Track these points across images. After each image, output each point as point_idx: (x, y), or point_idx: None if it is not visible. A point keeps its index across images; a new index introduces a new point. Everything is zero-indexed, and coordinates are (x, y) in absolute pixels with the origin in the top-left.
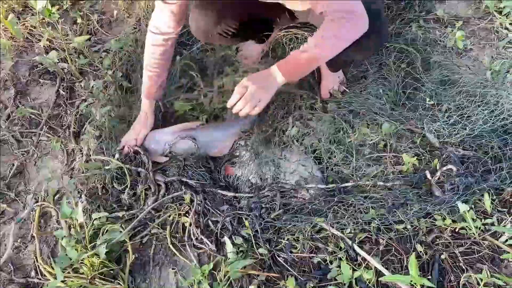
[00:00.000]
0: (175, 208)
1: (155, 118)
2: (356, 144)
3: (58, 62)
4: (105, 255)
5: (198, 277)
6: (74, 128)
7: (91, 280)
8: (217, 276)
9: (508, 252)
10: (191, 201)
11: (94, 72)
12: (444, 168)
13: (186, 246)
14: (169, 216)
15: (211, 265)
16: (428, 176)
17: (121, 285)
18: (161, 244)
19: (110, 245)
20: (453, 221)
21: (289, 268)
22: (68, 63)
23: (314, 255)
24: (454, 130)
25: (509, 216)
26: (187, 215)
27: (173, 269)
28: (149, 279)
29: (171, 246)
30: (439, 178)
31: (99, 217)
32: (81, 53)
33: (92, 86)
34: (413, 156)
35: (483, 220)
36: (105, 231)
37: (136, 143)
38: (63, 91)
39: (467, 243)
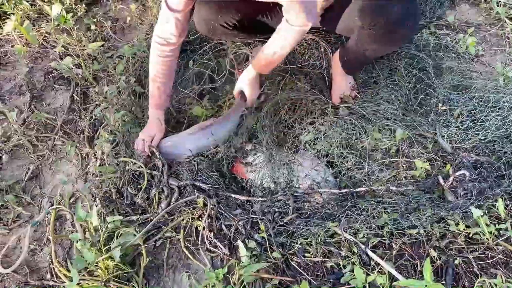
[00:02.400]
0: (188, 212)
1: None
2: (368, 149)
3: (72, 68)
4: (120, 258)
5: (213, 281)
6: (88, 132)
7: (105, 282)
8: (231, 279)
9: None
10: (204, 205)
11: (108, 78)
12: (457, 173)
13: (199, 249)
14: (183, 219)
15: (226, 269)
16: (441, 181)
17: (135, 287)
18: (175, 247)
19: (125, 248)
20: (467, 226)
21: (302, 272)
22: (82, 69)
23: (327, 259)
24: (467, 136)
25: None
26: (200, 219)
27: (186, 272)
28: (162, 282)
29: (184, 249)
30: (452, 184)
31: (114, 221)
32: (95, 59)
33: (106, 92)
34: (426, 161)
35: (496, 225)
36: (119, 234)
37: (151, 143)
38: (77, 96)
39: (480, 248)
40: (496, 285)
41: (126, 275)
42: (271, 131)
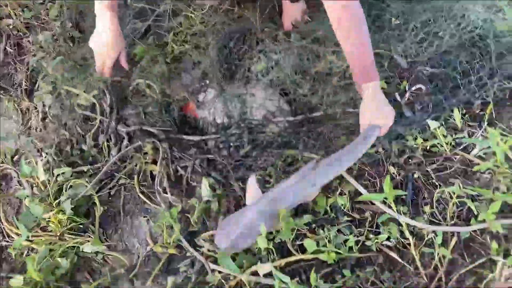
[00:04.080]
0: (140, 157)
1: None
2: (323, 73)
3: (2, 19)
4: (72, 210)
5: (167, 220)
6: (26, 85)
7: (60, 236)
8: (191, 219)
9: (479, 164)
10: (156, 149)
11: (42, 25)
12: (413, 88)
13: (155, 193)
14: (136, 165)
15: (179, 207)
16: (398, 98)
17: (91, 237)
18: (130, 194)
19: (76, 200)
20: (425, 140)
21: None
22: (13, 19)
23: None
24: (422, 49)
25: (480, 129)
26: (154, 163)
27: (144, 217)
28: (121, 229)
29: (140, 195)
30: (408, 99)
31: (63, 173)
32: (25, 6)
33: (41, 40)
34: (382, 80)
35: (454, 135)
36: (69, 186)
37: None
38: (11, 49)
39: (439, 160)
40: (454, 193)
41: (81, 226)
42: (220, 65)
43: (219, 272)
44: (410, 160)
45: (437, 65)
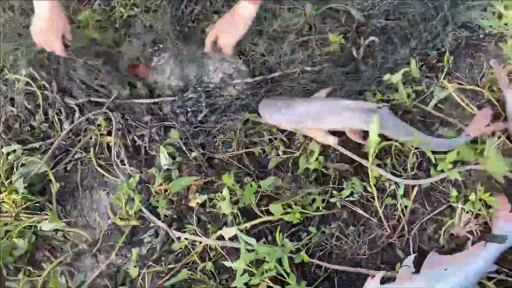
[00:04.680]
0: (95, 129)
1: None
2: (279, 31)
3: None
4: (26, 189)
5: (125, 191)
6: None
7: (15, 216)
8: (152, 189)
9: (438, 117)
10: (109, 119)
11: None
12: (367, 41)
13: (113, 166)
14: (91, 138)
15: (137, 178)
16: (354, 53)
17: (49, 215)
18: (87, 167)
19: (30, 178)
20: (383, 94)
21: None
22: None
23: (251, 149)
24: (377, 1)
25: (437, 80)
26: (109, 134)
27: (104, 190)
28: (80, 204)
29: (98, 168)
30: (364, 53)
31: (13, 151)
32: None
33: None
34: (340, 35)
35: (413, 87)
36: (20, 164)
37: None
38: None
39: (399, 113)
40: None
41: (38, 205)
42: (173, 27)
43: (185, 239)
44: None
45: (392, 17)
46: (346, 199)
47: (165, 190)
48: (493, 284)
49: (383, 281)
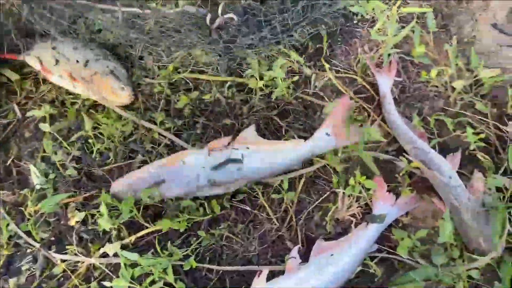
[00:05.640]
0: None
1: None
2: None
3: None
4: None
5: None
6: None
7: None
8: (26, 212)
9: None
10: None
11: None
12: (226, 16)
13: None
14: None
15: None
16: (207, 21)
17: None
18: None
19: None
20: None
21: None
22: None
23: (132, 160)
24: None
25: (315, 68)
26: None
27: None
28: None
29: None
30: (219, 25)
31: None
32: None
33: None
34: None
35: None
36: None
37: None
38: None
39: (280, 106)
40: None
41: None
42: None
43: (65, 261)
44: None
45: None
46: (233, 199)
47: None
48: (374, 263)
49: (273, 275)
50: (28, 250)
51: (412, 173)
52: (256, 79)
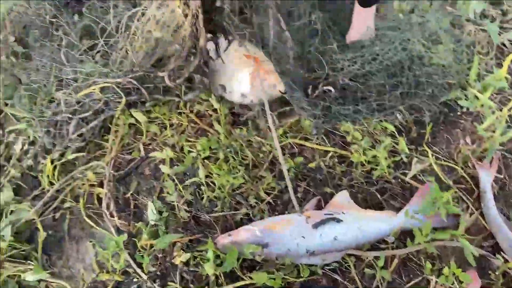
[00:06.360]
0: (85, 179)
1: None
2: None
3: None
4: (13, 236)
5: (113, 248)
6: None
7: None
8: (138, 244)
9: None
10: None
11: None
12: (324, 88)
13: (103, 217)
14: (80, 188)
15: (125, 236)
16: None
17: (33, 265)
18: (76, 217)
19: (16, 226)
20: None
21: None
22: None
23: (237, 211)
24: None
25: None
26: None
27: (90, 241)
28: (66, 254)
29: (86, 218)
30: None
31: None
32: None
33: None
34: None
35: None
36: (9, 212)
37: None
38: None
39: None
40: None
41: (23, 253)
42: None
43: None
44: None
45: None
46: (326, 267)
47: (151, 246)
48: None
49: None
50: (135, 279)
51: (506, 273)
52: (360, 154)
